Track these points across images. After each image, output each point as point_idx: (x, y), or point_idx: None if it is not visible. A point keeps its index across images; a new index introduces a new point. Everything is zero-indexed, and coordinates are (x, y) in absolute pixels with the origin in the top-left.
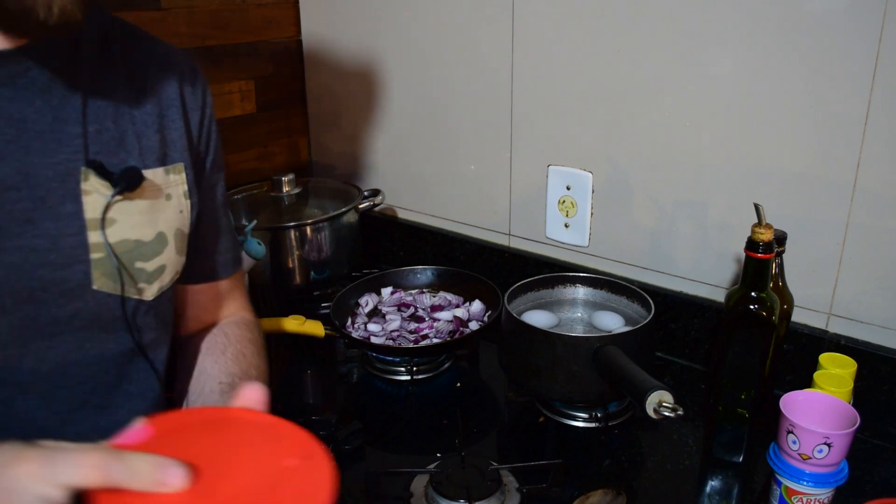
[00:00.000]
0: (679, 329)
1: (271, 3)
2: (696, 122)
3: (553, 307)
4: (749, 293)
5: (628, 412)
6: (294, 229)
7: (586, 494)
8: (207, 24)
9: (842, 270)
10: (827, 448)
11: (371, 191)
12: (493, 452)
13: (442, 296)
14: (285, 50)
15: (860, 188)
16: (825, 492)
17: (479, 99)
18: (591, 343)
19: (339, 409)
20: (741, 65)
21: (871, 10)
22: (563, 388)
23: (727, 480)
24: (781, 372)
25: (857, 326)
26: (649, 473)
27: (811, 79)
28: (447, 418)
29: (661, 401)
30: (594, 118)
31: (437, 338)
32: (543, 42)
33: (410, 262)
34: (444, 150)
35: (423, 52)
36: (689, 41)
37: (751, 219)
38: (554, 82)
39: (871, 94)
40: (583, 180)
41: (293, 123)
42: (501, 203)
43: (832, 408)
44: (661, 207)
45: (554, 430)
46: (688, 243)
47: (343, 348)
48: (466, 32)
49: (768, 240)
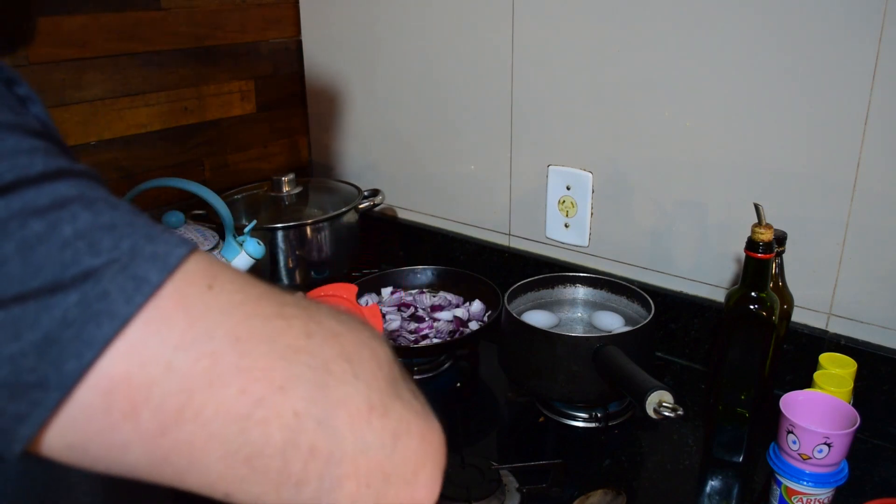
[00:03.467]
0: (679, 329)
1: (271, 3)
2: (696, 122)
3: (553, 307)
4: (749, 293)
5: (628, 412)
6: (294, 229)
7: (586, 494)
8: (207, 24)
9: (842, 270)
10: (827, 448)
11: (371, 191)
12: (493, 452)
13: (442, 296)
14: (285, 50)
15: (860, 188)
16: (825, 492)
17: (479, 99)
18: (591, 343)
19: None
20: (741, 64)
21: (871, 10)
22: (563, 388)
23: (727, 480)
24: (781, 372)
25: (857, 326)
26: (649, 473)
27: (811, 79)
28: (447, 418)
29: (661, 401)
30: (594, 118)
31: (437, 338)
32: (543, 42)
33: (410, 262)
34: (444, 150)
35: (423, 52)
36: (689, 41)
37: (751, 219)
38: (554, 82)
39: (871, 94)
40: (583, 180)
41: (293, 123)
42: (501, 203)
43: (832, 408)
44: (661, 207)
45: (554, 430)
46: (688, 243)
47: None
48: (466, 32)
49: (768, 240)
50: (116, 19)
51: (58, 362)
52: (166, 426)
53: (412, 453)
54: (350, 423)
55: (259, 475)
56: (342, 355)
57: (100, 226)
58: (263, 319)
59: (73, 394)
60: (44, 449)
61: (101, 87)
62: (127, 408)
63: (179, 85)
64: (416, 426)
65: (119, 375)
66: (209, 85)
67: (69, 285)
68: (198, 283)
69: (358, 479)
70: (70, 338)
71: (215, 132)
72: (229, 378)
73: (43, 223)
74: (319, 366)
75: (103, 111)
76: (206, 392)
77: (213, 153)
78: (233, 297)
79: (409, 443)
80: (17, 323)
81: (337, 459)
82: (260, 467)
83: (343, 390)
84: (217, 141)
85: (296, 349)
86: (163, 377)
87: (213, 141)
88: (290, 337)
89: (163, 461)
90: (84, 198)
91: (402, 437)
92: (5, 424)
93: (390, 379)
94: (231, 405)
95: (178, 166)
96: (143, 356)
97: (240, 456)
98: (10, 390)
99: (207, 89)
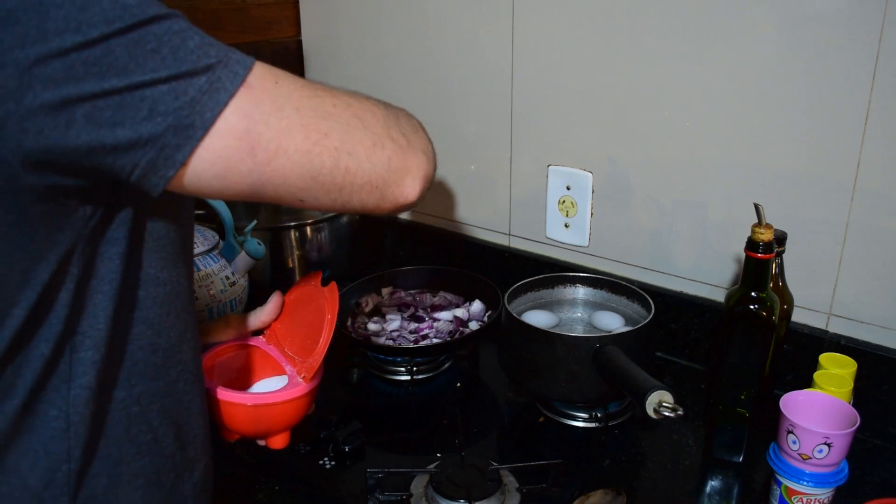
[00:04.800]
0: (679, 329)
1: (271, 3)
2: (696, 122)
3: (553, 307)
4: (749, 293)
5: (628, 412)
6: (294, 229)
7: (586, 494)
8: (207, 24)
9: (842, 270)
10: (827, 448)
11: None
12: (493, 452)
13: (442, 296)
14: (285, 50)
15: (860, 188)
16: (825, 492)
17: (480, 99)
18: (591, 343)
19: (339, 409)
20: (741, 64)
21: (871, 10)
22: (563, 388)
23: (727, 480)
24: (781, 372)
25: (857, 326)
26: (649, 473)
27: (811, 79)
28: (447, 418)
29: (661, 401)
30: (594, 118)
31: (437, 338)
32: (543, 42)
33: (410, 262)
34: (444, 150)
35: (423, 52)
36: (689, 41)
37: (751, 219)
38: (554, 82)
39: (871, 94)
40: (583, 180)
41: None
42: (501, 203)
43: (832, 408)
44: (661, 207)
45: (554, 430)
46: (688, 243)
47: (343, 348)
48: (466, 32)
49: (768, 240)
50: None
51: (201, 112)
52: (271, 158)
53: (399, 168)
54: (364, 152)
55: (318, 185)
56: (356, 115)
57: (206, 42)
58: (308, 98)
59: (214, 136)
60: (197, 176)
61: None
62: (248, 147)
63: None
64: (400, 153)
65: (241, 128)
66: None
67: (201, 72)
68: (268, 78)
69: (371, 184)
70: (206, 100)
71: None
72: (298, 130)
73: (179, 37)
74: (344, 121)
75: None
76: (288, 138)
77: None
78: (289, 86)
79: (397, 163)
80: (177, 90)
81: (359, 173)
82: (320, 180)
83: (358, 135)
84: None
85: (329, 114)
86: (265, 130)
87: None
88: (326, 106)
89: (267, 182)
90: (191, 27)
91: (392, 159)
92: (169, 153)
93: (385, 127)
94: (301, 144)
95: None
96: (252, 118)
97: (308, 175)
98: (174, 129)
99: None
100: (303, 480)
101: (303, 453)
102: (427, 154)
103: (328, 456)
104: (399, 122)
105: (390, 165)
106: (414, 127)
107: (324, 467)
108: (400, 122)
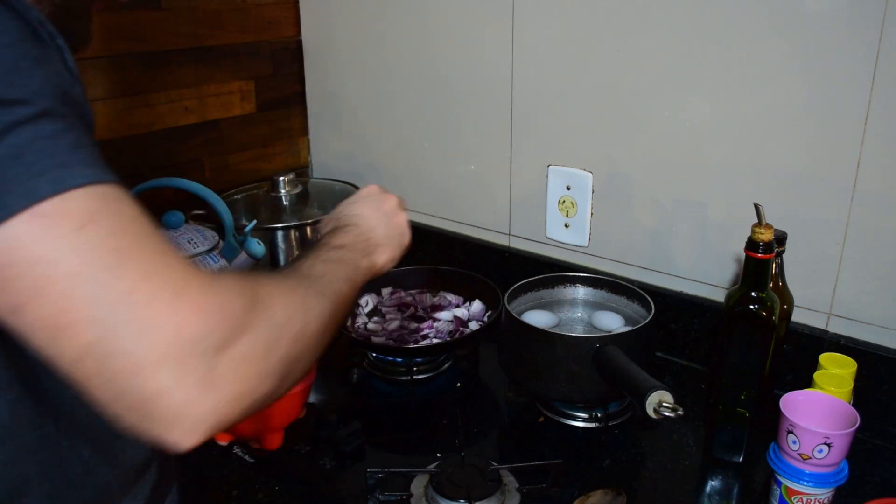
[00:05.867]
0: (679, 329)
1: (271, 3)
2: (697, 123)
3: (553, 307)
4: (749, 293)
5: (628, 412)
6: (294, 229)
7: (586, 494)
8: (207, 24)
9: (842, 270)
10: (827, 448)
11: None
12: (493, 452)
13: (442, 296)
14: (285, 50)
15: (860, 188)
16: (825, 492)
17: (479, 99)
18: (591, 343)
19: (339, 409)
20: (742, 64)
21: (871, 10)
22: (563, 388)
23: (727, 480)
24: (781, 372)
25: (857, 326)
26: (649, 473)
27: (811, 79)
28: (447, 418)
29: (661, 401)
30: (594, 118)
31: (437, 338)
32: (543, 42)
33: (410, 262)
34: (444, 150)
35: (422, 52)
36: (689, 41)
37: (751, 219)
38: (554, 82)
39: (871, 94)
40: (583, 180)
41: (293, 123)
42: (501, 203)
43: (832, 408)
44: (661, 207)
45: (554, 430)
46: (688, 243)
47: (343, 348)
48: (466, 32)
49: (768, 240)
50: (116, 19)
51: None
52: (17, 305)
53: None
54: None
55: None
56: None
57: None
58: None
59: None
60: None
61: (101, 87)
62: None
63: (179, 85)
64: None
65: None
66: (209, 85)
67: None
68: (71, 220)
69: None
70: None
71: (215, 132)
72: (55, 294)
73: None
74: (114, 298)
75: (103, 111)
76: (39, 298)
77: (213, 153)
78: (96, 241)
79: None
80: None
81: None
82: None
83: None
84: (217, 141)
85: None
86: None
87: (213, 141)
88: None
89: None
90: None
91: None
92: None
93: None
94: (49, 315)
95: (178, 166)
96: (21, 252)
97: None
98: None
99: (207, 89)
100: (303, 480)
101: (303, 453)
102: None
103: (328, 456)
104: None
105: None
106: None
107: (324, 467)
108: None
